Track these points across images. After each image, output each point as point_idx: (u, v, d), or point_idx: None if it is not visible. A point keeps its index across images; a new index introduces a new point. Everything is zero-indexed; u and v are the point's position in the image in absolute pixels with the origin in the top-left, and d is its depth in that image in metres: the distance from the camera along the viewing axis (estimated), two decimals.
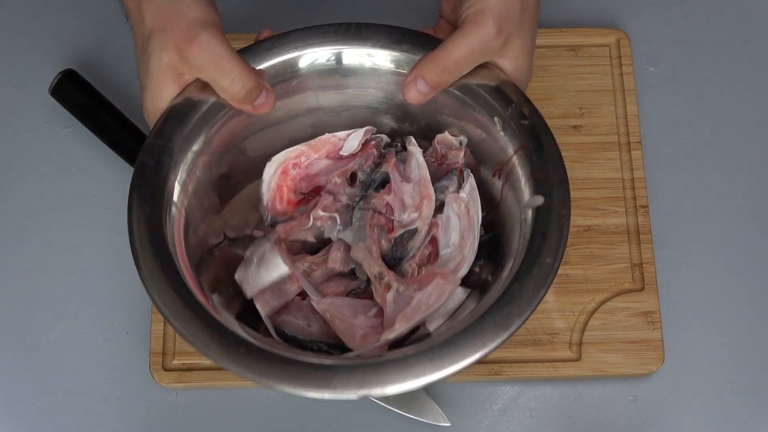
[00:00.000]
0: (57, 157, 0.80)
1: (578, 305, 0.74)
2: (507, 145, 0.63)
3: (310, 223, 0.67)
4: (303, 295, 0.66)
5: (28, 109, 0.81)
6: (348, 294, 0.68)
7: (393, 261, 0.66)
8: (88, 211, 0.78)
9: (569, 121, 0.79)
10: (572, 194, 0.77)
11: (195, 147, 0.63)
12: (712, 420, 0.73)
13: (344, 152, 0.67)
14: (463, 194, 0.65)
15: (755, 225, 0.78)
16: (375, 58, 0.65)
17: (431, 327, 0.63)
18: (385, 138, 0.69)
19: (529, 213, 0.61)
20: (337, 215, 0.67)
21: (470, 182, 0.66)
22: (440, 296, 0.62)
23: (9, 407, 0.73)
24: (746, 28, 0.84)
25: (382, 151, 0.68)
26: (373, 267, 0.64)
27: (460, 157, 0.68)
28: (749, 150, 0.80)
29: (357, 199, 0.67)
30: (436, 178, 0.67)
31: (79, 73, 0.77)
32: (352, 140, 0.67)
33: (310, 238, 0.68)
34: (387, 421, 0.72)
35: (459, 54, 0.61)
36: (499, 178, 0.65)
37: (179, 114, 0.62)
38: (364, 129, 0.67)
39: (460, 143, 0.67)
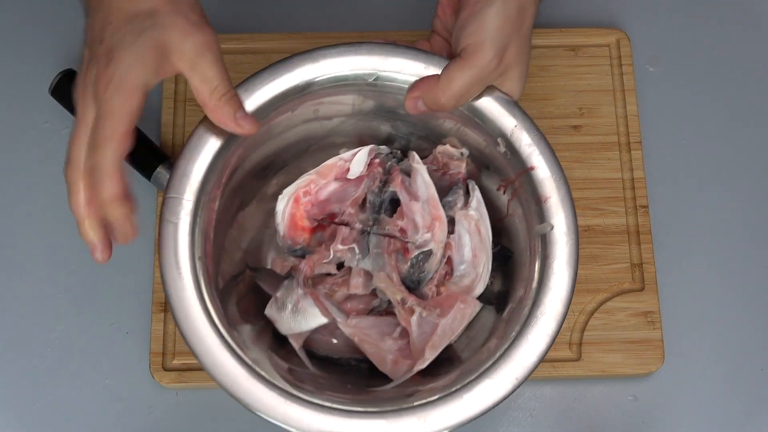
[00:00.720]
0: (57, 157, 0.79)
1: (578, 305, 0.74)
2: (511, 166, 0.64)
3: (331, 256, 0.68)
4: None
5: (28, 109, 0.81)
6: (370, 312, 0.69)
7: (412, 283, 0.67)
8: None
9: (569, 121, 0.79)
10: (572, 194, 0.77)
11: (209, 193, 0.62)
12: (713, 420, 0.73)
13: (351, 176, 0.68)
14: (472, 212, 0.66)
15: (755, 225, 0.78)
16: (376, 74, 0.64)
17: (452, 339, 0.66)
18: (385, 149, 0.69)
19: (539, 239, 0.62)
20: (355, 245, 0.68)
21: (476, 196, 0.67)
22: (462, 320, 0.65)
23: (9, 407, 0.73)
24: (746, 28, 0.84)
25: (387, 166, 0.69)
26: (395, 294, 0.66)
27: (462, 167, 0.68)
28: (749, 150, 0.80)
29: (370, 223, 0.69)
30: (440, 189, 0.68)
31: None
32: (357, 164, 0.68)
33: (333, 271, 0.69)
34: None
35: (459, 87, 0.61)
36: (504, 193, 0.66)
37: (191, 163, 0.62)
38: (367, 149, 0.68)
39: (462, 154, 0.68)
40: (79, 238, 0.77)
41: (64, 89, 0.77)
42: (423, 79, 0.63)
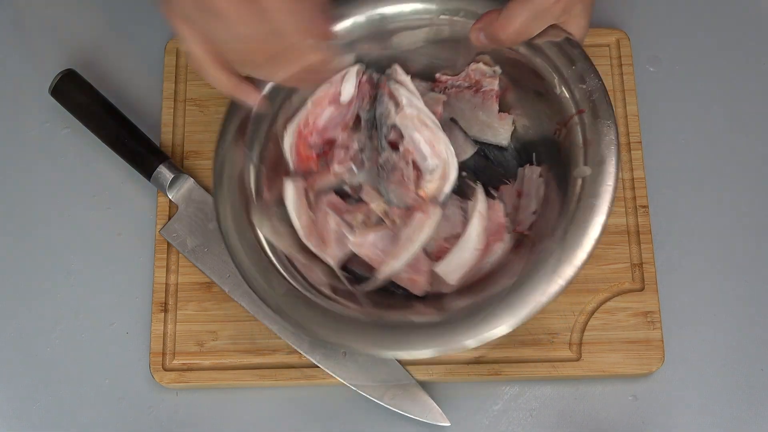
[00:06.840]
0: (57, 157, 0.80)
1: (578, 305, 0.74)
2: (564, 107, 0.66)
3: (332, 178, 0.70)
4: None
5: (28, 109, 0.81)
6: None
7: (390, 203, 0.69)
8: (88, 211, 0.78)
9: None
10: None
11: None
12: (713, 420, 0.73)
13: (344, 99, 0.69)
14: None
15: (755, 225, 0.78)
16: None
17: (452, 280, 0.67)
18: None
19: (579, 181, 0.63)
20: (352, 164, 0.70)
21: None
22: (421, 229, 0.65)
23: (10, 407, 0.73)
24: (746, 28, 0.84)
25: (375, 81, 0.70)
26: (380, 206, 0.68)
27: (495, 84, 0.71)
28: (749, 150, 0.80)
29: (367, 140, 0.70)
30: (473, 105, 0.71)
31: (79, 73, 0.77)
32: (348, 86, 0.69)
33: (334, 186, 0.71)
34: (387, 421, 0.72)
35: (519, 23, 0.62)
36: (558, 137, 0.67)
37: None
38: (355, 68, 0.69)
39: (495, 72, 0.71)
40: (79, 239, 0.77)
41: (64, 89, 0.77)
42: (487, 13, 0.65)
